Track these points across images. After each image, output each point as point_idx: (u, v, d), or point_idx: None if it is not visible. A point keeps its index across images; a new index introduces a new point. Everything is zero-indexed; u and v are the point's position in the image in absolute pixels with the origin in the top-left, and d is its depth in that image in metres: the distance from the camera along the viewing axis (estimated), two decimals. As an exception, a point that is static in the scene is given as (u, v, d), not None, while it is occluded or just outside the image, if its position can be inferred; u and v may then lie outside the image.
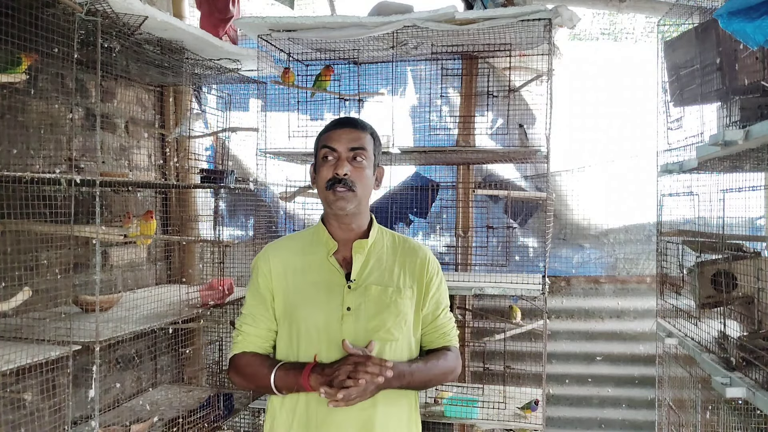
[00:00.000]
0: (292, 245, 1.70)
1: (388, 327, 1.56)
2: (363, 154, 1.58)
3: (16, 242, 2.47)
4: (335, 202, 1.56)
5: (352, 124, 1.62)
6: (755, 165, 2.36)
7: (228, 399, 3.22)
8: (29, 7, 2.14)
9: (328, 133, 1.62)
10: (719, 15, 1.81)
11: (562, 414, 3.81)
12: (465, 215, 3.57)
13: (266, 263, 1.66)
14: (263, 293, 1.65)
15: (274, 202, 3.95)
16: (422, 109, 3.69)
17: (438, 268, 1.71)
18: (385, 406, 1.56)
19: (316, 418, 1.54)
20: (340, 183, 1.55)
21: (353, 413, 1.52)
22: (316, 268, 1.62)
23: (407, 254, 1.67)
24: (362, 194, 1.59)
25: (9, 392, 2.41)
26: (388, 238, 1.70)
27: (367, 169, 1.59)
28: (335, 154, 1.58)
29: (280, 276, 1.63)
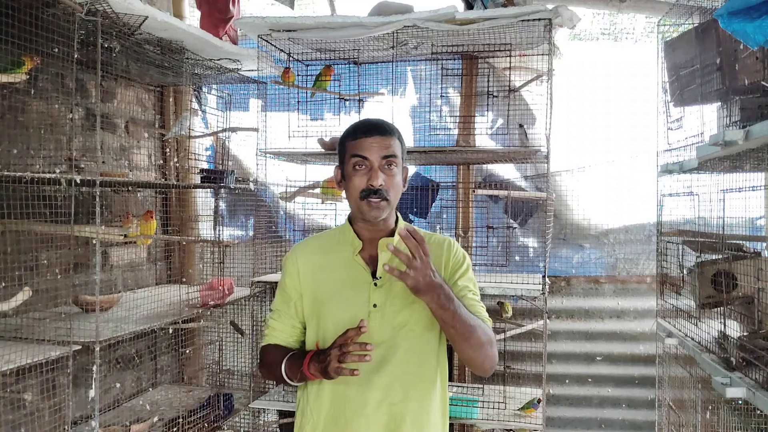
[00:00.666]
0: (318, 244, 1.72)
1: (413, 323, 1.57)
2: (394, 161, 1.59)
3: (16, 242, 2.47)
4: (369, 211, 1.57)
5: (381, 131, 1.59)
6: (755, 165, 2.35)
7: (228, 399, 3.22)
8: (29, 7, 2.14)
9: (358, 140, 1.59)
10: (719, 15, 1.81)
11: (562, 414, 3.81)
12: (465, 215, 3.57)
13: (294, 263, 1.69)
14: (289, 292, 1.69)
15: (274, 202, 3.95)
16: (422, 109, 3.69)
17: (463, 255, 1.69)
18: (416, 401, 1.57)
19: (345, 414, 1.56)
20: (375, 194, 1.55)
21: (383, 407, 1.54)
22: (342, 266, 1.63)
23: (433, 249, 1.63)
24: (395, 200, 1.61)
25: (9, 392, 2.41)
26: None
27: (398, 175, 1.60)
28: (368, 163, 1.57)
29: (307, 275, 1.66)
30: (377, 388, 1.55)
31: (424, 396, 1.59)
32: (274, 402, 3.16)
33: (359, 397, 1.55)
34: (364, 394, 1.55)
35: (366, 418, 1.55)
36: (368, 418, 1.55)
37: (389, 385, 1.55)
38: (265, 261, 3.31)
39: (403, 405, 1.55)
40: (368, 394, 1.55)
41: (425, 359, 1.60)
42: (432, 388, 1.61)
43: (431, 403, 1.61)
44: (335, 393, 1.58)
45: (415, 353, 1.58)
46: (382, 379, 1.55)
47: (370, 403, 1.54)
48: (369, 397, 1.55)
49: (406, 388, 1.56)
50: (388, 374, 1.55)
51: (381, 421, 1.55)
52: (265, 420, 3.63)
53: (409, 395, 1.56)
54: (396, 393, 1.56)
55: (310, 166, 3.63)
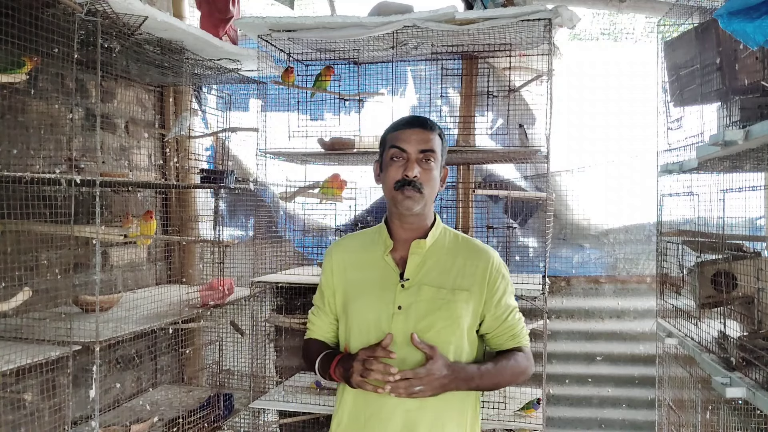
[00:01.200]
0: (354, 243, 1.74)
1: (438, 329, 1.56)
2: (432, 156, 1.59)
3: (16, 242, 2.47)
4: (402, 201, 1.57)
5: (421, 125, 1.61)
6: (755, 165, 2.35)
7: (228, 399, 3.22)
8: (29, 7, 2.14)
9: (397, 132, 1.61)
10: (719, 15, 1.81)
11: (562, 414, 3.81)
12: (465, 215, 3.57)
13: (329, 261, 1.72)
14: (324, 289, 1.73)
15: (274, 202, 3.95)
16: (422, 109, 3.68)
17: (504, 270, 1.68)
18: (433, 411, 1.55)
19: (364, 414, 1.58)
20: (409, 185, 1.56)
21: (398, 412, 1.54)
22: (372, 265, 1.64)
23: (469, 256, 1.65)
24: (429, 196, 1.60)
25: (9, 392, 2.41)
26: (450, 238, 1.69)
27: (435, 170, 1.61)
28: (405, 155, 1.58)
29: (340, 272, 1.69)
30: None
31: (443, 406, 1.55)
32: (274, 402, 3.16)
33: (376, 400, 1.55)
34: (381, 397, 1.54)
35: (381, 421, 1.55)
36: (383, 422, 1.55)
37: None
38: (265, 261, 3.31)
39: (419, 413, 1.54)
40: (385, 397, 1.53)
41: None
42: (449, 397, 1.56)
43: (449, 413, 1.57)
44: (356, 393, 1.59)
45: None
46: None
47: (386, 407, 1.54)
48: (385, 400, 1.54)
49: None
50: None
51: (395, 426, 1.54)
52: (265, 420, 3.63)
53: (426, 403, 1.53)
54: (413, 400, 1.53)
55: (310, 166, 3.63)
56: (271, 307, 3.73)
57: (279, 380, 3.63)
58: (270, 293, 3.71)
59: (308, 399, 3.16)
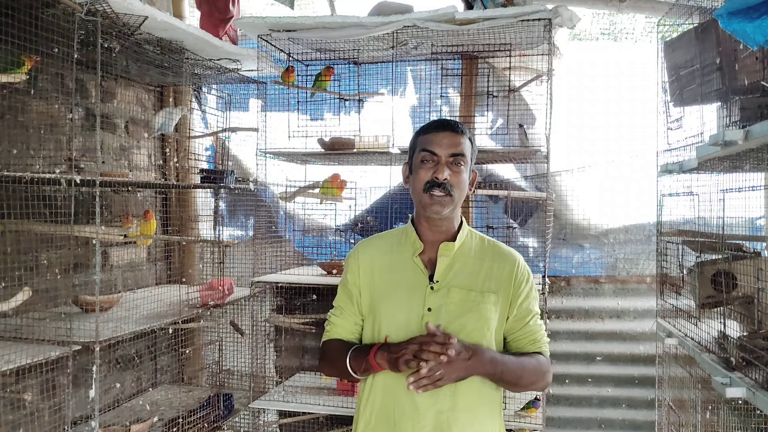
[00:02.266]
0: (381, 243, 1.72)
1: (468, 330, 1.55)
2: (462, 159, 1.59)
3: (16, 242, 2.47)
4: (431, 205, 1.57)
5: (452, 128, 1.61)
6: (755, 165, 2.36)
7: (228, 399, 3.22)
8: (29, 7, 2.14)
9: (427, 135, 1.61)
10: (719, 15, 1.81)
11: (562, 414, 3.81)
12: (465, 215, 3.57)
13: (355, 260, 1.70)
14: (350, 289, 1.70)
15: (274, 202, 3.95)
16: (422, 109, 3.68)
17: (528, 274, 1.68)
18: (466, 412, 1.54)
19: (394, 414, 1.56)
20: (439, 187, 1.56)
21: (430, 414, 1.53)
22: (401, 267, 1.64)
23: (495, 259, 1.65)
24: (458, 199, 1.60)
25: (9, 392, 2.41)
26: (476, 241, 1.69)
27: (464, 173, 1.61)
28: (435, 158, 1.58)
29: (367, 273, 1.67)
30: (426, 394, 1.51)
31: (475, 406, 1.56)
32: (274, 402, 3.16)
33: (408, 400, 1.54)
34: (413, 398, 1.53)
35: (413, 422, 1.54)
36: (414, 423, 1.54)
37: (438, 392, 1.52)
38: (265, 261, 3.31)
39: (451, 414, 1.53)
40: (417, 397, 1.53)
41: None
42: (482, 398, 1.57)
43: (482, 415, 1.57)
44: (386, 392, 1.58)
45: None
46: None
47: (419, 408, 1.53)
48: (417, 401, 1.53)
49: (456, 397, 1.54)
50: None
51: (426, 427, 1.53)
52: (265, 420, 3.63)
53: (458, 404, 1.53)
54: (445, 400, 1.53)
55: (310, 166, 3.63)
56: (271, 307, 3.74)
57: (279, 380, 3.63)
58: (270, 293, 3.71)
59: (308, 399, 3.16)
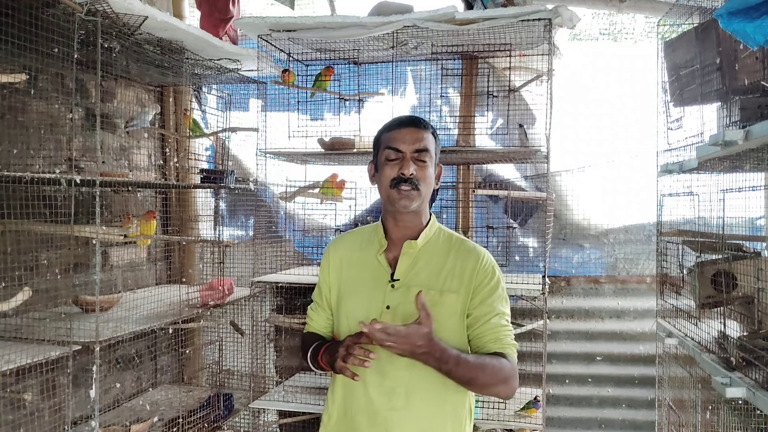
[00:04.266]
0: (352, 240, 1.75)
1: None
2: (426, 155, 1.60)
3: (16, 242, 2.47)
4: (399, 200, 1.58)
5: (415, 124, 1.62)
6: (755, 165, 2.36)
7: (228, 399, 3.22)
8: (29, 7, 2.14)
9: (391, 132, 1.62)
10: (719, 15, 1.81)
11: (562, 414, 3.81)
12: (465, 215, 3.57)
13: (327, 257, 1.75)
14: (321, 285, 1.75)
15: (274, 202, 3.95)
16: (422, 109, 3.68)
17: (494, 271, 1.63)
18: (419, 412, 1.54)
19: (351, 409, 1.59)
20: (406, 182, 1.57)
21: (384, 411, 1.54)
22: (367, 264, 1.65)
23: (459, 257, 1.63)
24: (426, 193, 1.61)
25: (9, 392, 2.41)
26: (443, 238, 1.68)
27: (430, 168, 1.62)
28: (400, 154, 1.59)
29: (337, 269, 1.71)
30: (381, 391, 1.54)
31: (429, 406, 1.55)
32: (274, 402, 3.16)
33: (363, 396, 1.56)
34: (368, 394, 1.55)
35: (368, 418, 1.55)
36: (369, 419, 1.55)
37: (392, 390, 1.54)
38: (265, 261, 3.31)
39: (405, 412, 1.53)
40: (372, 395, 1.55)
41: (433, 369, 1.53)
42: (438, 398, 1.56)
43: (437, 416, 1.56)
44: (345, 388, 1.61)
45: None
46: (386, 383, 1.54)
47: (373, 404, 1.55)
48: (372, 397, 1.55)
49: (410, 396, 1.54)
50: (393, 379, 1.54)
51: (381, 424, 1.54)
52: (265, 420, 3.63)
53: (412, 403, 1.53)
54: (398, 398, 1.53)
55: (310, 166, 3.63)
56: (271, 307, 3.73)
57: (279, 380, 3.63)
58: (270, 293, 3.71)
59: (308, 399, 3.16)
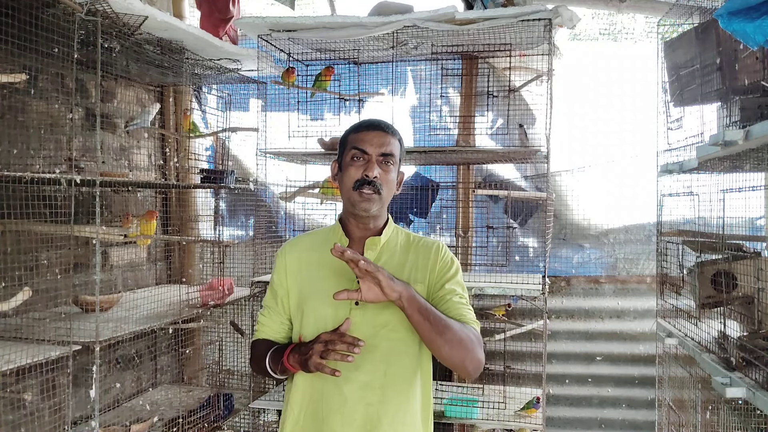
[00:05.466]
0: (308, 241, 1.74)
1: (394, 323, 1.56)
2: (392, 159, 1.62)
3: (16, 242, 2.47)
4: (360, 203, 1.59)
5: (383, 128, 1.64)
6: (755, 165, 2.36)
7: (228, 399, 3.22)
8: (29, 7, 2.14)
9: (358, 134, 1.64)
10: (719, 15, 1.81)
11: (562, 414, 3.81)
12: (465, 215, 3.57)
13: (282, 260, 1.71)
14: (276, 289, 1.71)
15: (274, 202, 3.95)
16: (422, 109, 3.69)
17: (452, 260, 1.67)
18: (395, 404, 1.55)
19: (322, 409, 1.56)
20: (369, 185, 1.57)
21: (359, 407, 1.53)
22: (327, 263, 1.63)
23: (420, 252, 1.67)
24: (386, 197, 1.63)
25: (9, 392, 2.41)
26: (402, 237, 1.72)
27: (393, 173, 1.63)
28: (366, 156, 1.60)
29: (294, 272, 1.68)
30: (355, 387, 1.54)
31: (403, 399, 1.57)
32: (274, 402, 3.16)
33: (336, 394, 1.55)
34: (341, 392, 1.54)
35: (342, 416, 1.54)
36: (344, 416, 1.54)
37: (367, 385, 1.54)
38: (265, 261, 3.31)
39: (381, 406, 1.54)
40: (345, 391, 1.54)
41: (406, 361, 1.58)
42: (411, 391, 1.58)
43: (410, 407, 1.58)
44: (313, 388, 1.58)
45: (396, 354, 1.57)
46: (360, 378, 1.54)
47: (347, 401, 1.54)
48: (346, 395, 1.54)
49: (385, 390, 1.55)
50: (367, 373, 1.54)
51: (357, 421, 1.54)
52: (265, 420, 3.63)
53: (387, 397, 1.54)
54: (374, 393, 1.54)
55: (310, 166, 3.63)
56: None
57: (279, 380, 3.63)
58: (270, 293, 3.70)
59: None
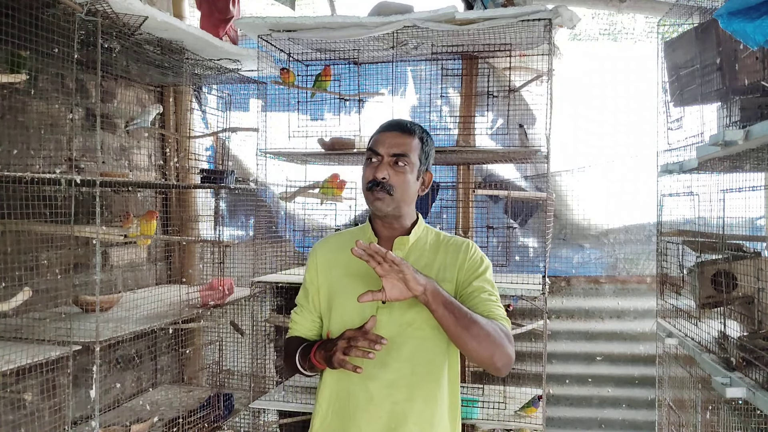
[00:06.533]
0: (339, 240, 1.76)
1: (421, 321, 1.57)
2: (404, 160, 1.61)
3: (17, 242, 2.47)
4: (373, 202, 1.62)
5: (399, 128, 1.65)
6: (755, 165, 2.36)
7: (228, 399, 3.22)
8: (29, 7, 2.14)
9: (377, 135, 1.66)
10: (719, 15, 1.81)
11: (562, 414, 3.81)
12: (465, 215, 3.57)
13: (313, 259, 1.74)
14: (308, 287, 1.74)
15: (274, 202, 3.95)
16: (422, 109, 3.68)
17: (481, 257, 1.67)
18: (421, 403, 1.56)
19: (349, 407, 1.59)
20: (378, 186, 1.59)
21: (385, 405, 1.55)
22: (356, 262, 1.62)
23: (449, 251, 1.67)
24: (401, 198, 1.62)
25: (9, 392, 2.41)
26: (432, 237, 1.72)
27: (408, 174, 1.62)
28: (378, 157, 1.62)
29: (324, 270, 1.71)
30: (381, 385, 1.55)
31: (430, 398, 1.57)
32: (274, 402, 3.16)
33: (362, 392, 1.56)
34: (368, 390, 1.56)
35: (368, 414, 1.56)
36: (370, 414, 1.56)
37: (393, 383, 1.55)
38: (265, 261, 3.31)
39: (406, 405, 1.55)
40: (371, 389, 1.55)
41: (433, 360, 1.59)
42: (438, 390, 1.59)
43: (437, 406, 1.58)
44: (340, 385, 1.61)
45: (423, 353, 1.58)
46: (386, 376, 1.55)
47: (373, 399, 1.55)
48: (372, 392, 1.56)
49: (411, 388, 1.56)
50: (393, 371, 1.55)
51: (382, 419, 1.55)
52: (265, 420, 3.63)
53: (414, 395, 1.56)
54: (400, 392, 1.55)
55: (310, 166, 3.63)
56: (271, 307, 3.73)
57: (279, 380, 3.63)
58: (270, 293, 3.70)
59: (308, 399, 3.16)
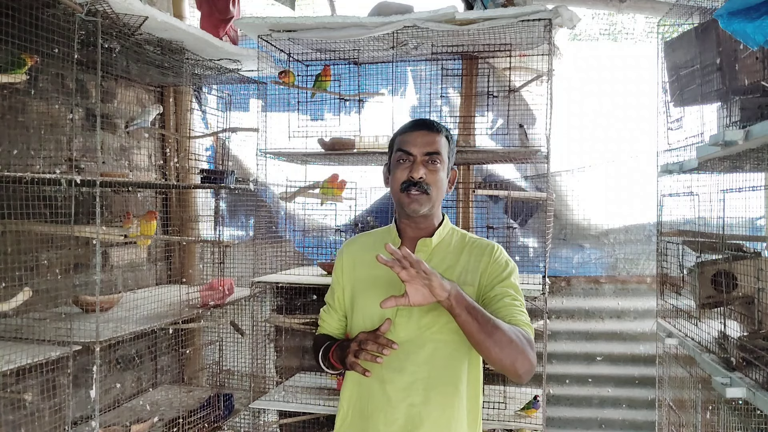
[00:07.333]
0: (365, 241, 1.77)
1: (440, 325, 1.56)
2: (438, 158, 1.61)
3: (17, 242, 2.47)
4: (409, 204, 1.60)
5: (427, 127, 1.64)
6: (755, 165, 2.36)
7: (228, 399, 3.22)
8: (29, 7, 2.15)
9: (403, 135, 1.64)
10: (719, 15, 1.81)
11: (562, 414, 3.80)
12: (465, 215, 3.57)
13: (340, 258, 1.76)
14: (334, 286, 1.77)
15: (274, 203, 3.95)
16: (422, 109, 3.68)
17: (506, 260, 1.66)
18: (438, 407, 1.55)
19: (368, 407, 1.59)
20: (415, 186, 1.58)
21: (402, 407, 1.55)
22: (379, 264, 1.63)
23: (473, 253, 1.65)
24: (436, 197, 1.62)
25: (9, 392, 2.41)
26: (457, 238, 1.71)
27: (441, 172, 1.62)
28: (410, 157, 1.60)
29: (350, 270, 1.72)
30: (398, 387, 1.55)
31: (447, 402, 1.56)
32: (274, 402, 3.16)
33: (381, 393, 1.57)
34: (385, 391, 1.56)
35: (385, 415, 1.56)
36: (387, 415, 1.56)
37: (410, 386, 1.55)
38: (265, 261, 3.31)
39: (423, 408, 1.54)
40: (389, 391, 1.56)
41: (451, 364, 1.57)
42: (456, 394, 1.56)
43: (455, 411, 1.56)
44: (361, 386, 1.62)
45: (441, 356, 1.56)
46: (404, 378, 1.55)
47: (390, 401, 1.56)
48: (389, 394, 1.56)
49: (428, 391, 1.55)
50: (410, 374, 1.55)
51: (398, 421, 1.55)
52: (265, 420, 3.64)
53: (431, 399, 1.54)
54: (417, 394, 1.55)
55: (310, 166, 3.63)
56: (271, 307, 3.73)
57: (279, 380, 3.63)
58: (270, 293, 3.71)
59: (308, 399, 3.16)
